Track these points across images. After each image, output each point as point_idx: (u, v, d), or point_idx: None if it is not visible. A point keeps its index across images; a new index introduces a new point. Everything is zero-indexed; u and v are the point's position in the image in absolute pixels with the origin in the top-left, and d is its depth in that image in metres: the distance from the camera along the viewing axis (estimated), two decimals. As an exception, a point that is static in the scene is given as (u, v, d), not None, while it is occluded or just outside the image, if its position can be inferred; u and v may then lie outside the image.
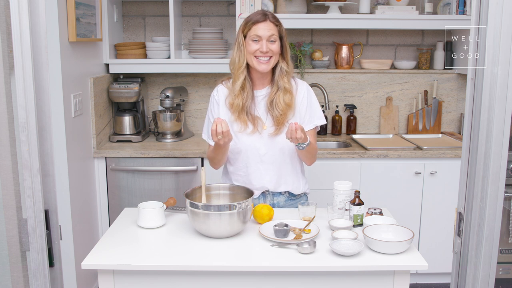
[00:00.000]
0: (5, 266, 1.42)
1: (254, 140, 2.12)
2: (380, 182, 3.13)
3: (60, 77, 2.61)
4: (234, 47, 2.12)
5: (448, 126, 3.74)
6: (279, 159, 2.15)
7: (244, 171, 2.17)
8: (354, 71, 3.63)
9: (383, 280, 1.72)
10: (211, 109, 2.20)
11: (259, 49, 2.04)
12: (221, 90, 2.19)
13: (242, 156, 2.15)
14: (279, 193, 2.20)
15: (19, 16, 1.29)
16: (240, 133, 2.12)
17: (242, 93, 2.10)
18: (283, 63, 2.11)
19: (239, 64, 2.09)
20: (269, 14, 2.08)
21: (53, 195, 1.42)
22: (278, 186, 2.18)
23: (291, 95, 2.11)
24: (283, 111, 2.09)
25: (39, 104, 1.36)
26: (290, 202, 2.23)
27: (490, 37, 1.34)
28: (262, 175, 2.16)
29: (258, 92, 2.15)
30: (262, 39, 2.04)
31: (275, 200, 2.20)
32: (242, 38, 2.09)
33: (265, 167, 2.15)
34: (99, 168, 3.11)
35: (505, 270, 2.61)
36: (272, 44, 2.05)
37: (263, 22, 2.05)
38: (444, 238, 3.16)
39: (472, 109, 1.43)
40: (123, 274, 1.72)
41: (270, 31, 2.05)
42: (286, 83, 2.11)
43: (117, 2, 3.43)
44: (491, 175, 1.38)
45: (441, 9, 3.52)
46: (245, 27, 2.08)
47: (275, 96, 2.10)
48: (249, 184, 2.16)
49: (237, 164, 2.18)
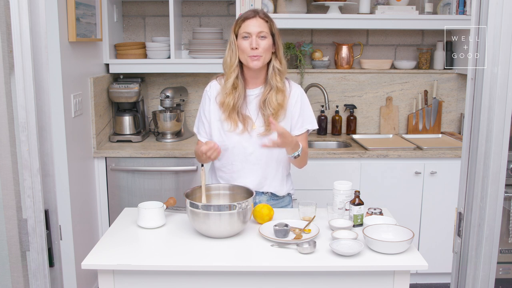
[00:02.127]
0: (5, 266, 1.42)
1: (242, 139, 2.12)
2: (380, 182, 3.13)
3: (60, 77, 2.61)
4: (227, 46, 2.12)
5: (448, 126, 3.74)
6: (266, 159, 2.14)
7: (228, 168, 2.17)
8: (354, 71, 3.63)
9: (383, 280, 1.72)
10: (203, 103, 2.21)
11: (250, 46, 2.03)
12: (214, 86, 2.20)
13: (228, 154, 2.15)
14: (262, 192, 2.20)
15: (19, 16, 1.29)
16: (229, 132, 2.12)
17: (233, 92, 2.10)
18: (275, 62, 2.11)
19: (231, 63, 2.09)
20: (259, 11, 2.09)
21: (53, 195, 1.42)
22: (261, 186, 2.17)
23: (283, 95, 2.11)
24: (275, 110, 2.08)
25: (39, 104, 1.36)
26: (273, 202, 2.21)
27: (490, 37, 1.34)
28: (246, 174, 2.15)
29: (251, 91, 2.15)
30: (251, 35, 2.04)
31: (257, 199, 2.19)
32: (234, 37, 2.09)
33: (250, 166, 2.15)
34: (99, 168, 3.11)
35: (505, 270, 2.61)
36: (262, 40, 2.04)
37: (253, 19, 2.05)
38: (444, 238, 3.16)
39: (472, 109, 1.43)
40: (123, 274, 1.72)
41: (260, 27, 2.05)
42: (279, 82, 2.10)
43: (117, 2, 3.43)
44: (491, 175, 1.38)
45: (441, 9, 3.52)
46: (236, 25, 2.09)
47: (268, 95, 2.10)
48: (232, 182, 2.16)
49: (223, 161, 2.18)
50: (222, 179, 2.20)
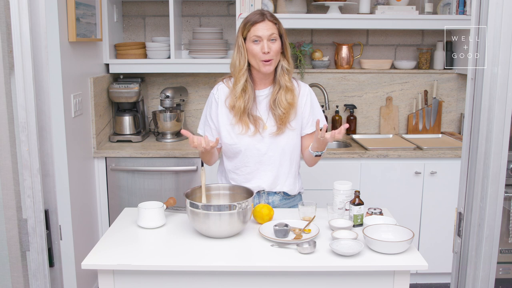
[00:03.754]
0: (5, 266, 1.42)
1: (254, 140, 2.12)
2: (380, 182, 3.13)
3: (60, 77, 2.61)
4: (235, 49, 2.10)
5: (448, 126, 3.74)
6: (279, 159, 2.15)
7: (242, 170, 2.17)
8: (354, 71, 3.63)
9: (383, 280, 1.72)
10: (209, 106, 2.19)
11: (262, 51, 2.02)
12: (221, 89, 2.17)
13: (241, 156, 2.15)
14: (274, 192, 2.20)
15: (19, 16, 1.29)
16: (241, 135, 2.12)
17: (243, 95, 2.09)
18: (284, 61, 2.11)
19: (240, 67, 2.08)
20: (266, 13, 2.07)
21: (53, 195, 1.42)
22: (274, 186, 2.18)
23: (292, 94, 2.11)
24: (285, 109, 2.09)
25: (39, 104, 1.36)
26: (285, 201, 2.22)
27: (490, 37, 1.34)
28: (260, 174, 2.16)
29: (260, 92, 2.15)
30: (262, 39, 2.03)
31: (270, 200, 2.20)
32: (242, 41, 2.07)
33: (263, 167, 2.15)
34: (99, 168, 3.11)
35: (505, 270, 2.60)
36: (273, 43, 2.04)
37: (262, 22, 2.04)
38: (444, 238, 3.16)
39: (472, 109, 1.43)
40: (123, 274, 1.72)
41: (270, 30, 2.04)
42: (288, 81, 2.10)
43: (117, 2, 3.43)
44: (491, 175, 1.38)
45: (441, 9, 3.52)
46: (244, 29, 2.07)
47: (277, 95, 2.10)
48: (246, 183, 2.16)
49: (236, 163, 2.17)
50: (234, 181, 2.19)
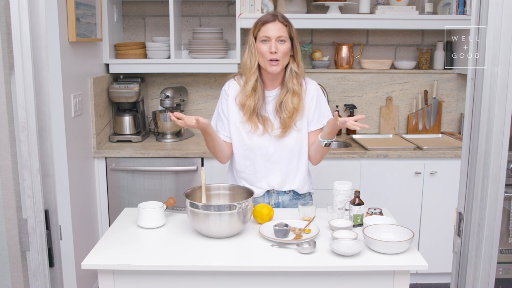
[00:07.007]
0: (5, 266, 1.42)
1: (263, 140, 2.14)
2: (380, 182, 3.13)
3: (60, 77, 2.61)
4: (246, 48, 2.12)
5: (448, 126, 3.74)
6: (287, 158, 2.16)
7: (251, 169, 2.18)
8: (354, 71, 3.63)
9: (383, 280, 1.72)
10: (221, 102, 2.21)
11: (269, 50, 2.03)
12: (232, 85, 2.19)
13: (250, 155, 2.16)
14: (284, 192, 2.21)
15: (19, 16, 1.29)
16: (250, 133, 2.13)
17: (253, 94, 2.11)
18: (293, 65, 2.11)
19: (251, 66, 2.09)
20: (278, 15, 2.09)
21: (53, 195, 1.42)
22: (283, 185, 2.19)
23: (299, 98, 2.12)
24: (290, 113, 2.10)
25: (39, 104, 1.36)
26: (295, 201, 2.23)
27: (490, 37, 1.34)
28: (269, 173, 2.17)
29: (269, 92, 2.16)
30: (271, 39, 2.04)
31: (279, 199, 2.21)
32: (253, 40, 2.09)
33: (272, 166, 2.17)
34: (99, 168, 3.11)
35: (505, 270, 2.60)
36: (281, 45, 2.05)
37: (272, 22, 2.05)
38: (444, 238, 3.16)
39: (472, 109, 1.43)
40: (123, 274, 1.72)
41: (279, 31, 2.05)
42: (296, 85, 2.11)
43: (117, 2, 3.43)
44: (491, 175, 1.38)
45: (441, 9, 3.52)
46: (255, 28, 2.09)
47: (284, 98, 2.11)
48: (255, 182, 2.17)
49: (245, 162, 2.19)
50: (244, 180, 2.21)
